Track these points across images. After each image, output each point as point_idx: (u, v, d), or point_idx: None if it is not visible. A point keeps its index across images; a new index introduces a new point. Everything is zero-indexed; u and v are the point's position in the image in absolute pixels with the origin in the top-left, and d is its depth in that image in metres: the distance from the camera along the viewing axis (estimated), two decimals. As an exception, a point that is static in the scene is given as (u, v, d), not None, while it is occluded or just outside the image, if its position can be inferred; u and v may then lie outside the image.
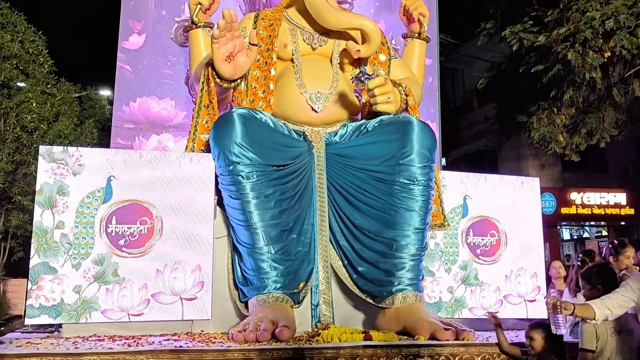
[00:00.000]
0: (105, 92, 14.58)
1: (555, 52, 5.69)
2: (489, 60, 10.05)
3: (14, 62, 5.94)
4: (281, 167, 2.26)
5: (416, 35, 3.04)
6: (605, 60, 5.63)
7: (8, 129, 5.88)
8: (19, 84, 6.23)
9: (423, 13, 2.99)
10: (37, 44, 6.40)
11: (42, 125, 5.96)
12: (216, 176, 2.24)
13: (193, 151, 2.37)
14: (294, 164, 2.33)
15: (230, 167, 2.14)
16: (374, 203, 2.29)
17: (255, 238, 2.13)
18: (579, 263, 2.64)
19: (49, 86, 6.34)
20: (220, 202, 2.28)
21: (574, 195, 12.68)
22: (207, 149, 2.35)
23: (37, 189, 2.08)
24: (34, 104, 5.96)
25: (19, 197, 5.93)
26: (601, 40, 5.40)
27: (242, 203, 2.14)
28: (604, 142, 7.54)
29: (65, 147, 2.12)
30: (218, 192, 2.26)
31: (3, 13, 6.13)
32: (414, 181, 2.24)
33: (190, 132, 2.47)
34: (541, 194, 2.92)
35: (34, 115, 5.91)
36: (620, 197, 12.93)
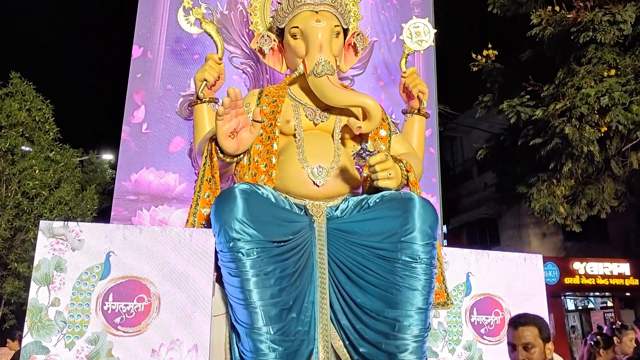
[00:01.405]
0: (107, 156, 14.79)
1: (553, 126, 5.81)
2: (487, 131, 10.25)
3: (20, 130, 6.07)
4: (282, 243, 2.24)
5: (416, 111, 3.10)
6: (602, 134, 5.74)
7: (9, 195, 5.91)
8: (23, 147, 6.33)
9: (422, 90, 3.06)
10: (44, 112, 6.56)
11: (43, 192, 6.00)
12: (216, 252, 2.22)
13: (194, 226, 2.36)
14: (295, 240, 2.31)
15: (231, 244, 2.12)
16: (376, 281, 2.25)
17: (254, 318, 2.07)
18: (592, 343, 2.58)
19: (52, 153, 6.44)
20: (219, 279, 2.25)
21: (577, 265, 12.56)
22: (208, 224, 2.34)
23: (34, 264, 2.05)
24: (37, 171, 6.03)
25: (15, 264, 5.88)
26: (597, 116, 5.53)
27: (241, 281, 2.10)
28: (605, 213, 7.57)
29: (66, 223, 2.11)
30: (217, 268, 2.23)
31: (13, 82, 6.32)
32: (417, 259, 2.21)
33: (191, 205, 2.47)
34: (544, 264, 2.90)
35: (36, 182, 5.96)
36: (624, 267, 12.80)
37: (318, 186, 2.54)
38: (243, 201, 2.17)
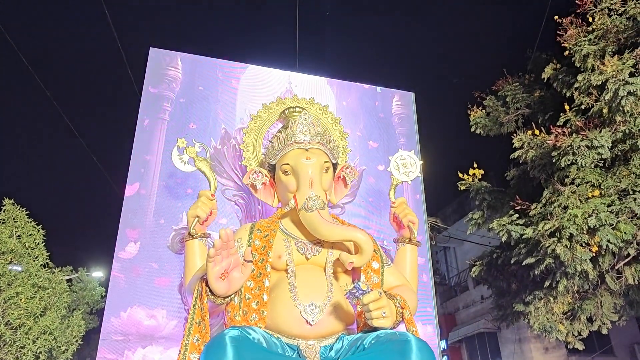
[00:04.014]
0: (97, 274, 14.48)
1: (544, 246, 5.82)
2: (479, 244, 10.26)
3: (9, 258, 5.98)
4: (274, 394, 2.13)
5: (407, 240, 3.11)
6: (594, 254, 5.74)
7: (-8, 325, 5.69)
8: (15, 267, 6.19)
9: (412, 220, 3.09)
10: (35, 237, 6.51)
11: (27, 322, 5.77)
12: (204, 406, 2.09)
13: (182, 376, 2.25)
14: (288, 388, 2.20)
15: (220, 398, 2.01)
16: None
17: None
18: None
19: (40, 279, 6.30)
20: None
21: (585, 382, 12.01)
22: (197, 370, 2.24)
23: None
24: (23, 299, 5.85)
25: (-8, 400, 5.53)
26: (587, 236, 5.55)
27: None
28: (606, 328, 7.39)
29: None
30: None
31: (6, 209, 6.33)
32: (416, 408, 2.09)
33: (180, 351, 2.37)
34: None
35: (21, 312, 5.76)
36: (633, 383, 12.25)
37: (311, 325, 2.47)
38: (233, 349, 2.09)
